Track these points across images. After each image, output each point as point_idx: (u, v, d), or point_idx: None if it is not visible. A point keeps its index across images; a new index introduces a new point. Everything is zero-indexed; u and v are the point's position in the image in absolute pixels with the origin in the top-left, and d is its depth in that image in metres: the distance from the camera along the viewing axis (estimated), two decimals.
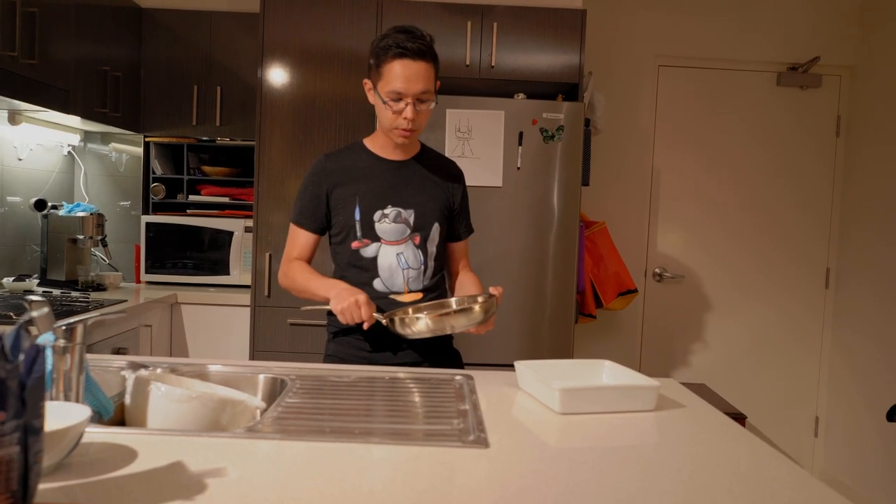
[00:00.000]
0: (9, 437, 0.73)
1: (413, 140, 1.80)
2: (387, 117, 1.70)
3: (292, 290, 1.78)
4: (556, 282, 2.88)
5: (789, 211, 3.82)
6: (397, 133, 1.72)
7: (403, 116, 1.67)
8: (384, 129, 1.75)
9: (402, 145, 1.78)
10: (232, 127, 3.33)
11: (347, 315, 1.58)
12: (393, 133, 1.73)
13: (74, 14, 2.75)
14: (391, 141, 1.77)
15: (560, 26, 2.96)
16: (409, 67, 1.65)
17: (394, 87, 1.65)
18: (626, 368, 1.48)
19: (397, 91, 1.65)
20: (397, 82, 1.65)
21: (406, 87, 1.65)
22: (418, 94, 1.66)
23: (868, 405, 3.52)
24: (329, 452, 1.04)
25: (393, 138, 1.75)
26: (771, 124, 3.80)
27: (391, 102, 1.67)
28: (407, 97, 1.66)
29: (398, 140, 1.74)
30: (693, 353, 3.85)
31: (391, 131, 1.72)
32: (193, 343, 3.09)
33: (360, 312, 1.58)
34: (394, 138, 1.74)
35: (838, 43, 3.75)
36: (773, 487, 0.98)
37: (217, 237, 3.30)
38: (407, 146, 1.80)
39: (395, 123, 1.70)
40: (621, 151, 3.75)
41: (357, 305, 1.58)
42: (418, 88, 1.66)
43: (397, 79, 1.65)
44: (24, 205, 3.07)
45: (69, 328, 1.09)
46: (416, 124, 1.70)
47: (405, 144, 1.78)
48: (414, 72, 1.65)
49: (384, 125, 1.74)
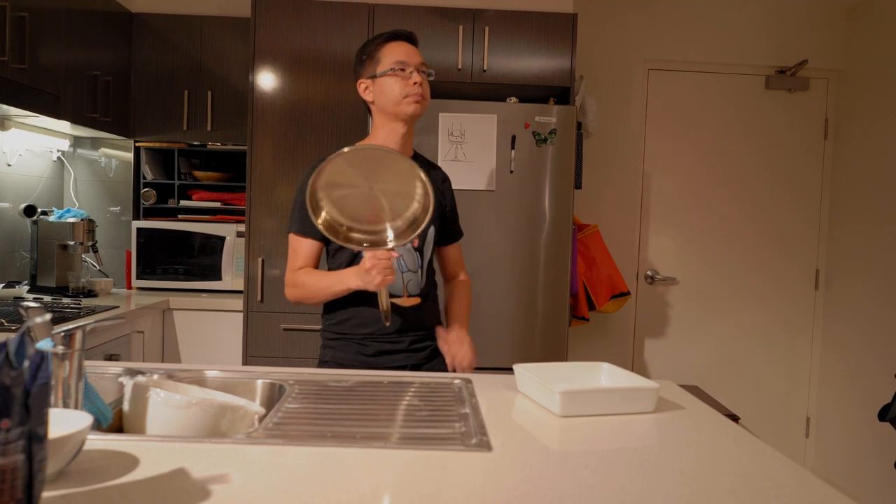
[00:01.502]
0: (13, 445, 0.72)
1: (407, 142, 1.81)
2: (396, 89, 1.73)
3: (307, 298, 1.76)
4: (550, 285, 2.89)
5: (779, 213, 3.85)
6: (410, 101, 1.73)
7: (413, 81, 1.73)
8: (394, 101, 1.73)
9: (413, 117, 1.76)
10: (223, 132, 3.32)
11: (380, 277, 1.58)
12: (405, 103, 1.73)
13: (65, 18, 2.74)
14: (400, 116, 1.75)
15: (551, 30, 2.98)
16: (404, 46, 1.77)
17: (397, 57, 1.74)
18: (625, 370, 1.48)
19: (401, 61, 1.73)
20: (399, 54, 1.74)
21: (408, 58, 1.74)
22: (419, 65, 1.75)
23: (859, 405, 3.55)
24: (332, 457, 1.03)
25: (406, 109, 1.74)
26: (760, 127, 3.83)
27: (398, 71, 1.73)
28: (410, 66, 1.73)
29: (410, 109, 1.74)
30: (685, 355, 3.86)
31: (403, 100, 1.73)
32: (186, 349, 3.07)
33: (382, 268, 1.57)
34: (407, 109, 1.74)
35: (825, 46, 3.79)
36: (777, 488, 0.98)
37: (209, 242, 3.28)
38: (403, 149, 1.80)
39: (407, 90, 1.73)
40: (613, 154, 3.77)
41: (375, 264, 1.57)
42: (419, 59, 1.76)
43: (398, 52, 1.75)
44: (13, 211, 3.04)
45: (68, 334, 1.08)
46: (424, 89, 1.75)
47: (417, 115, 1.76)
48: (410, 49, 1.77)
49: (394, 98, 1.73)
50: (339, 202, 1.58)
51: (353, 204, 1.59)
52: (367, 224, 1.61)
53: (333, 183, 1.56)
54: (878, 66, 3.53)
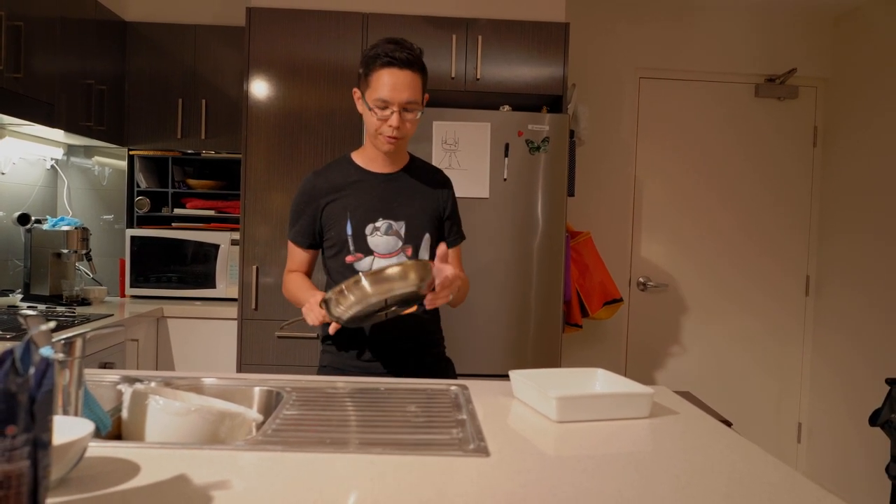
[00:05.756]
0: (19, 451, 0.73)
1: (400, 149, 1.81)
2: (372, 124, 1.72)
3: (290, 300, 1.86)
4: (543, 292, 2.90)
5: (769, 219, 3.89)
6: (382, 140, 1.73)
7: (388, 124, 1.70)
8: (370, 135, 1.76)
9: (388, 153, 1.78)
10: (217, 140, 3.33)
11: (311, 319, 1.64)
12: (378, 140, 1.74)
13: (60, 28, 2.74)
14: (378, 150, 1.78)
15: (544, 39, 3.00)
16: (396, 76, 1.67)
17: (380, 94, 1.68)
18: (619, 376, 1.50)
19: (383, 99, 1.68)
20: (384, 90, 1.68)
21: (392, 96, 1.67)
22: (404, 104, 1.69)
23: (850, 410, 3.58)
24: (332, 463, 1.04)
25: (378, 145, 1.76)
26: (750, 134, 3.87)
27: (377, 110, 1.70)
28: (392, 105, 1.68)
29: (383, 147, 1.75)
30: (677, 361, 3.89)
31: (377, 137, 1.74)
32: (180, 357, 3.07)
33: (314, 315, 1.62)
34: (379, 146, 1.75)
35: (814, 55, 3.84)
36: (771, 492, 1.00)
37: (202, 250, 3.28)
38: (395, 158, 1.81)
39: (381, 130, 1.72)
40: (605, 162, 3.80)
41: (310, 309, 1.63)
42: (404, 97, 1.68)
43: (384, 87, 1.68)
44: (6, 219, 3.04)
45: (68, 342, 1.09)
46: (400, 132, 1.72)
47: (391, 152, 1.78)
48: (401, 81, 1.68)
49: (370, 131, 1.75)
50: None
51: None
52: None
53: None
54: (864, 75, 3.58)
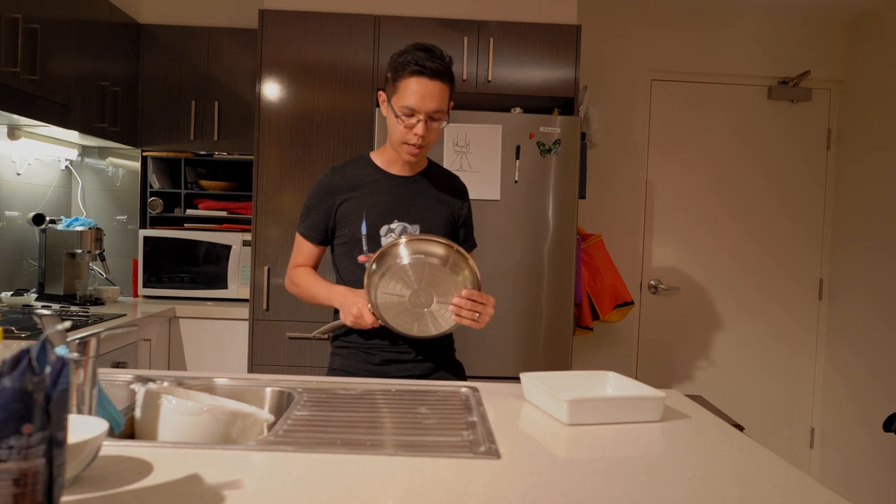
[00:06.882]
0: (35, 450, 0.73)
1: (422, 157, 1.81)
2: (398, 132, 1.72)
3: (298, 295, 1.85)
4: (554, 294, 2.90)
5: (782, 223, 3.86)
6: (406, 149, 1.73)
7: (414, 132, 1.69)
8: (394, 143, 1.76)
9: (409, 162, 1.79)
10: (229, 141, 3.35)
11: (362, 324, 1.67)
12: (402, 148, 1.74)
13: (75, 30, 2.77)
14: (399, 156, 1.78)
15: (555, 41, 3.00)
16: (424, 86, 1.67)
17: (407, 102, 1.67)
18: (631, 379, 1.49)
19: (410, 107, 1.67)
20: (411, 98, 1.67)
21: (419, 105, 1.67)
22: (431, 113, 1.69)
23: (863, 416, 3.55)
24: (343, 464, 1.04)
25: (402, 154, 1.76)
26: (763, 137, 3.85)
27: (403, 117, 1.69)
28: (419, 114, 1.68)
29: (406, 157, 1.75)
30: (689, 365, 3.87)
31: (400, 146, 1.74)
32: (191, 357, 3.09)
33: (365, 322, 1.66)
34: (402, 154, 1.75)
35: (827, 57, 3.81)
36: (783, 496, 0.99)
37: (215, 251, 3.30)
38: (414, 162, 1.82)
39: (405, 138, 1.71)
40: (616, 164, 3.79)
41: (361, 316, 1.65)
42: (431, 107, 1.68)
43: (412, 95, 1.67)
44: (22, 219, 3.07)
45: (83, 342, 1.10)
46: (425, 141, 1.71)
47: (412, 161, 1.78)
48: (429, 90, 1.67)
49: (394, 139, 1.75)
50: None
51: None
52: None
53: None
54: (880, 77, 3.55)
